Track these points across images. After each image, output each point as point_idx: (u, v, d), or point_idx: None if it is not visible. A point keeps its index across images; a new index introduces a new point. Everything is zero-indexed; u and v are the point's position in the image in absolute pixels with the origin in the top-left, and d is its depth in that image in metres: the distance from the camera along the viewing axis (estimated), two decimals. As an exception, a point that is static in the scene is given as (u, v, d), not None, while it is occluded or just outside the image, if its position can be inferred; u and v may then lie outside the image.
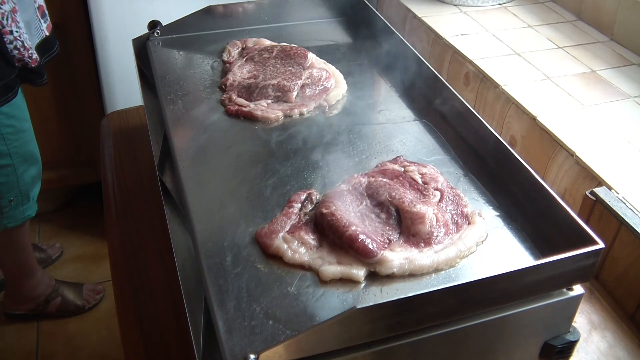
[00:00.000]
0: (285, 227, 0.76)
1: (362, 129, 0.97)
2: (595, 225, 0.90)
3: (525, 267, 0.65)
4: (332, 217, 0.74)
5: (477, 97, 1.24)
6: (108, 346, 1.83)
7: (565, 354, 0.73)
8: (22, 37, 1.02)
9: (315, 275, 0.71)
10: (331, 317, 0.59)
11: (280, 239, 0.74)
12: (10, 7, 0.97)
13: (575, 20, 1.43)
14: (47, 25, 1.11)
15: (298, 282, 0.70)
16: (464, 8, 1.48)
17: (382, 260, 0.71)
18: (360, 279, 0.70)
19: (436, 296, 0.61)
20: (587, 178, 0.97)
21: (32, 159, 1.44)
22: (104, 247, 0.99)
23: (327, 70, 1.08)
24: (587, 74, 1.22)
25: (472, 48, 1.30)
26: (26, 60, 1.04)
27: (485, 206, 0.82)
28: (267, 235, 0.75)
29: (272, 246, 0.74)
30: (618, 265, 0.89)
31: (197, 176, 0.86)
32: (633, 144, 1.02)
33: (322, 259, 0.72)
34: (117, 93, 1.85)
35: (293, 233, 0.75)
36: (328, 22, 1.30)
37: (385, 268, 0.71)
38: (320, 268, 0.71)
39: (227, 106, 1.00)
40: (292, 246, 0.74)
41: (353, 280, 0.70)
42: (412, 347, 0.65)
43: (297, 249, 0.73)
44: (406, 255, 0.72)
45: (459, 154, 0.91)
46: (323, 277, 0.70)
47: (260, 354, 0.58)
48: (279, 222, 0.77)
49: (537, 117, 1.08)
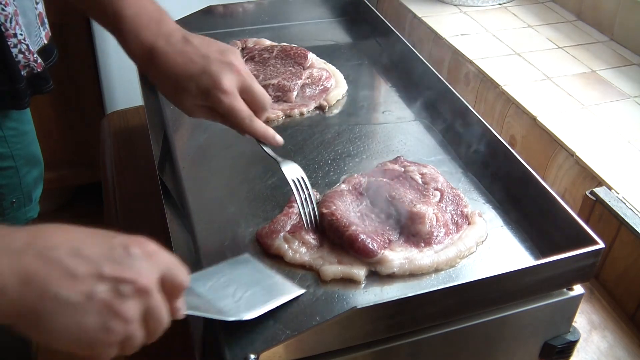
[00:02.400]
0: (286, 227, 0.76)
1: (362, 129, 0.97)
2: (595, 225, 0.90)
3: (525, 267, 0.65)
4: (332, 217, 0.74)
5: (477, 97, 1.24)
6: (108, 346, 1.83)
7: (565, 354, 0.73)
8: (27, 41, 1.01)
9: (315, 275, 0.71)
10: (331, 317, 0.59)
11: (281, 239, 0.74)
12: (13, 10, 0.96)
13: (575, 20, 1.43)
14: (45, 33, 1.11)
15: (298, 282, 0.70)
16: (464, 8, 1.48)
17: (383, 259, 0.71)
18: (360, 278, 0.70)
19: (436, 296, 0.61)
20: (587, 178, 0.97)
21: (35, 161, 1.44)
22: (104, 247, 0.98)
23: (327, 70, 1.08)
24: (587, 74, 1.22)
25: (472, 48, 1.29)
26: (32, 65, 1.03)
27: (485, 206, 0.82)
28: (268, 235, 0.75)
29: (273, 246, 0.74)
30: (618, 265, 0.89)
31: (197, 176, 0.86)
32: (633, 144, 1.02)
33: (323, 258, 0.72)
34: (117, 93, 1.85)
35: (294, 233, 0.75)
36: (328, 22, 1.30)
37: (385, 268, 0.71)
38: (321, 268, 0.71)
39: (227, 106, 1.00)
40: (292, 246, 0.74)
41: (353, 280, 0.70)
42: (412, 347, 0.65)
43: (298, 249, 0.73)
44: (406, 255, 0.72)
45: (459, 154, 0.91)
46: (324, 276, 0.70)
47: (260, 354, 0.58)
48: (280, 222, 0.77)
49: (537, 117, 1.08)
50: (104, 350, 0.47)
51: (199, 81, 0.72)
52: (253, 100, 0.75)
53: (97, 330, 0.46)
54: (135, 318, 0.48)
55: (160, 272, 0.50)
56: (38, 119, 1.50)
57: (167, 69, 0.73)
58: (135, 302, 0.47)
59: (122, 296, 0.47)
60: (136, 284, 0.47)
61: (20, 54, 1.00)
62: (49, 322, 0.45)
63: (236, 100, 0.73)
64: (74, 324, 0.45)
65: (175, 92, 0.75)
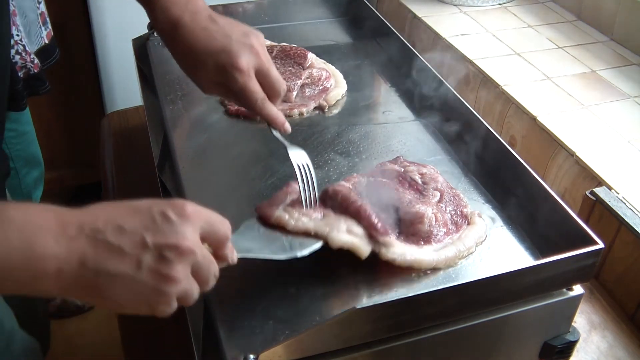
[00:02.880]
0: (286, 200, 0.74)
1: (362, 129, 0.97)
2: (595, 225, 0.90)
3: (525, 267, 0.65)
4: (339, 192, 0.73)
5: (477, 97, 1.24)
6: (108, 346, 1.83)
7: (565, 354, 0.73)
8: (24, 41, 1.00)
9: (315, 275, 0.70)
10: (331, 317, 0.59)
11: (282, 209, 0.72)
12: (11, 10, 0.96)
13: (575, 20, 1.43)
14: (47, 33, 1.10)
15: (298, 280, 0.70)
16: (464, 8, 1.48)
17: (388, 242, 0.70)
18: (365, 254, 0.69)
19: (436, 296, 0.61)
20: (587, 178, 0.97)
21: (35, 162, 1.44)
22: (104, 247, 0.98)
23: (327, 70, 1.08)
24: (587, 74, 1.22)
25: (472, 48, 1.29)
26: (29, 66, 1.02)
27: (485, 206, 0.82)
28: (267, 205, 0.72)
29: (272, 216, 0.71)
30: (618, 265, 0.89)
31: (197, 176, 0.86)
32: (633, 144, 1.02)
33: (329, 225, 0.70)
34: (117, 93, 1.85)
35: (294, 206, 0.73)
36: (328, 22, 1.30)
37: (388, 251, 0.69)
38: (329, 234, 0.69)
39: (227, 106, 1.00)
40: (294, 215, 0.71)
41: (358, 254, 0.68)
42: (412, 347, 0.65)
43: (300, 218, 0.71)
44: (407, 249, 0.72)
45: (459, 154, 0.91)
46: (333, 243, 0.68)
47: (260, 354, 0.58)
48: (279, 197, 0.74)
49: (537, 117, 1.08)
50: (164, 308, 0.53)
51: (217, 58, 0.74)
52: (268, 84, 0.77)
53: (152, 294, 0.52)
54: (184, 277, 0.52)
55: (200, 229, 0.54)
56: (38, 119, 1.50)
57: (189, 43, 0.76)
58: (181, 263, 0.52)
59: (168, 260, 0.51)
60: (179, 247, 0.52)
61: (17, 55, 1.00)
62: (108, 294, 0.51)
63: (251, 80, 0.75)
64: (130, 292, 0.51)
65: (194, 66, 0.78)
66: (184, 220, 0.53)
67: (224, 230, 0.57)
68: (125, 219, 0.52)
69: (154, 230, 0.52)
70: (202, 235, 0.55)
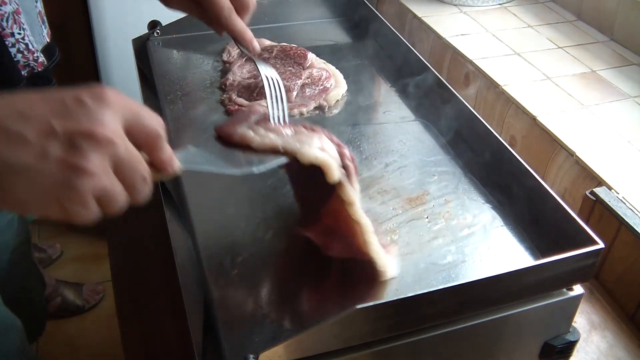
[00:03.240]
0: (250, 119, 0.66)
1: (362, 129, 0.97)
2: (595, 225, 0.90)
3: (525, 267, 0.65)
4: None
5: (477, 97, 1.24)
6: (108, 346, 1.83)
7: (565, 354, 0.73)
8: (27, 40, 1.00)
9: (315, 275, 0.71)
10: (331, 317, 0.59)
11: (245, 127, 0.64)
12: (13, 9, 0.96)
13: (575, 20, 1.43)
14: (47, 32, 1.10)
15: (298, 280, 0.70)
16: (464, 8, 1.48)
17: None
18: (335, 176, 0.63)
19: (436, 296, 0.61)
20: (587, 178, 0.97)
21: None
22: (104, 247, 0.98)
23: (327, 70, 1.08)
24: (587, 74, 1.22)
25: (472, 48, 1.30)
26: (32, 65, 1.02)
27: (485, 206, 0.82)
28: (229, 124, 0.65)
29: (236, 133, 0.63)
30: (618, 265, 0.89)
31: (197, 176, 0.86)
32: (633, 144, 1.02)
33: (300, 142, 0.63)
34: (117, 93, 1.85)
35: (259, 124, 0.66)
36: (328, 22, 1.30)
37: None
38: (301, 149, 0.62)
39: (227, 106, 1.00)
40: (260, 132, 0.63)
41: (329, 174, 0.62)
42: (412, 347, 0.65)
43: (267, 134, 0.63)
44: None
45: (459, 154, 0.91)
46: (303, 158, 0.62)
47: (260, 353, 0.58)
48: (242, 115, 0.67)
49: (537, 117, 1.08)
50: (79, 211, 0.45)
51: None
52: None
53: (61, 190, 0.44)
54: (102, 170, 0.45)
55: (124, 119, 0.46)
56: (38, 119, 1.48)
57: None
58: (97, 153, 0.44)
59: (80, 149, 0.44)
60: (94, 134, 0.44)
61: (19, 54, 1.00)
62: (12, 192, 0.44)
63: None
64: (36, 188, 0.44)
65: None
66: (102, 105, 0.45)
67: (154, 125, 0.48)
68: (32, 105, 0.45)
69: (64, 116, 0.44)
70: (126, 127, 0.47)
